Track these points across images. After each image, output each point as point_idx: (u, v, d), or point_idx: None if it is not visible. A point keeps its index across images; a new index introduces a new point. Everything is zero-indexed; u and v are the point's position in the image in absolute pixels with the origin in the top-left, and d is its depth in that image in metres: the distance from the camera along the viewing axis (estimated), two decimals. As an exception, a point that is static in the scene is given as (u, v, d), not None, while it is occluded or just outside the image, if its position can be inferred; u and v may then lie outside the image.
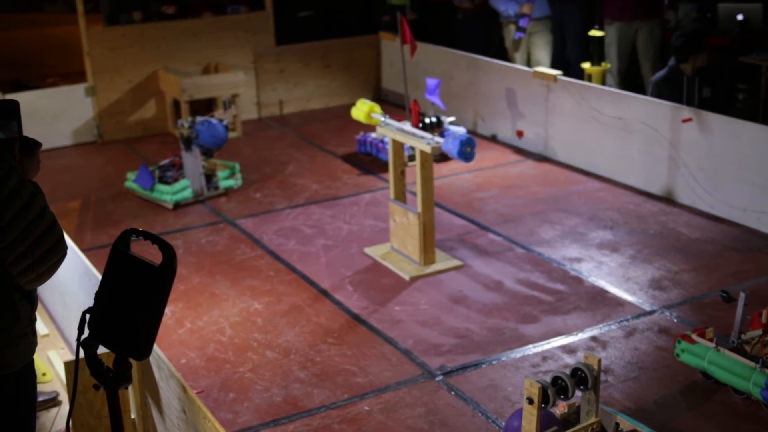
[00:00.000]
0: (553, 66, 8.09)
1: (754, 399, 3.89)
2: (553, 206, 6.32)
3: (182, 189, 6.52)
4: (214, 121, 6.59)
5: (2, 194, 2.22)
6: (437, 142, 5.08)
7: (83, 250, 4.16)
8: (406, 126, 5.36)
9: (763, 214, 5.72)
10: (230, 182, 6.76)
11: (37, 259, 2.30)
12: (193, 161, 6.53)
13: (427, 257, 5.38)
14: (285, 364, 4.39)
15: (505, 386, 4.14)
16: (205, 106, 8.60)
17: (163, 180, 6.57)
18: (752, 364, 3.83)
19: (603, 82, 7.62)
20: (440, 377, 4.24)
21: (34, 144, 2.46)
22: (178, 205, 6.50)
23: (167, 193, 6.46)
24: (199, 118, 6.62)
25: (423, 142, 5.13)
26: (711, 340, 4.04)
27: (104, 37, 8.20)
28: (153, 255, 2.23)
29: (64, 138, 8.15)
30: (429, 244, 5.37)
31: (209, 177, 6.69)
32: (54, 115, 8.06)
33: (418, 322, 4.78)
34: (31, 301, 2.45)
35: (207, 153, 6.67)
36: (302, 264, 5.52)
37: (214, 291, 5.22)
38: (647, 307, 4.83)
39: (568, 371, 3.36)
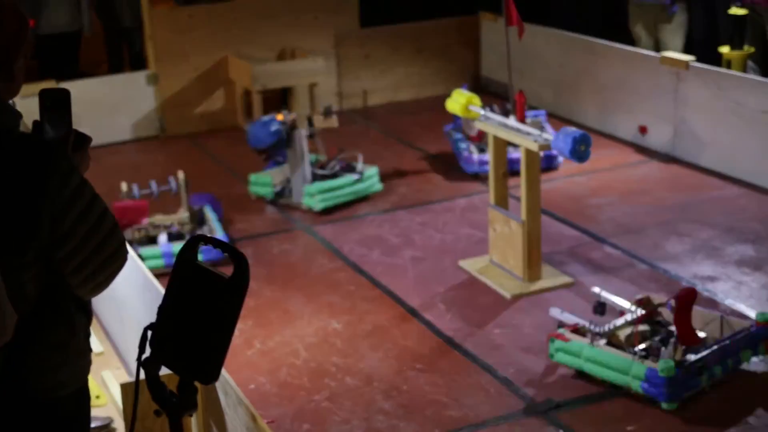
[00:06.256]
0: (700, 51, 7.89)
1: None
2: (683, 215, 6.21)
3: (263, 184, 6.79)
4: (265, 118, 6.79)
5: (64, 196, 2.28)
6: (546, 140, 5.05)
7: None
8: (510, 121, 5.33)
9: None
10: (311, 201, 6.62)
11: (98, 267, 2.36)
12: (293, 156, 6.70)
13: (532, 272, 5.34)
14: (367, 393, 4.42)
15: (624, 425, 4.07)
16: (279, 97, 8.72)
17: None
18: (629, 356, 4.19)
19: (744, 69, 7.43)
20: (547, 412, 4.20)
21: (85, 139, 2.52)
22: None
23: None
24: (264, 117, 6.86)
25: (529, 139, 5.11)
26: (584, 335, 4.40)
27: (169, 18, 8.39)
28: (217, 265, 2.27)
29: (122, 132, 8.37)
30: (534, 258, 5.34)
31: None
32: (112, 106, 8.28)
33: (520, 348, 4.75)
34: (87, 313, 2.51)
35: (260, 153, 6.90)
36: (387, 278, 5.54)
37: (288, 307, 5.28)
38: (796, 337, 4.70)
39: None
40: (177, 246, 5.82)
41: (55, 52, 8.78)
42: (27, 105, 2.74)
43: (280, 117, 6.73)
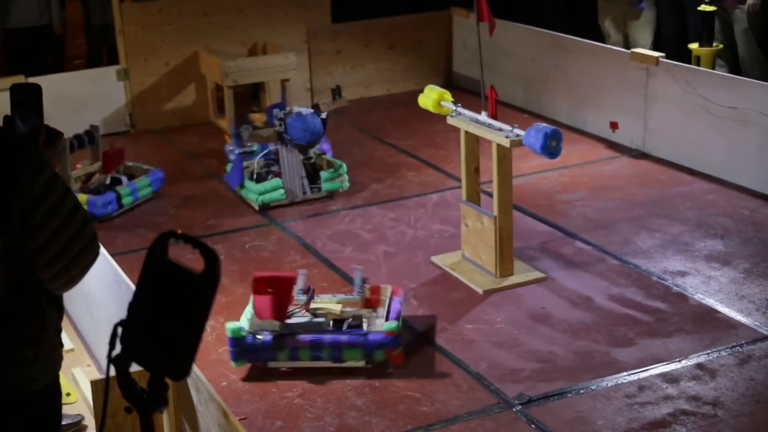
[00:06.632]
0: (669, 47, 7.96)
1: None
2: (653, 211, 6.25)
3: (272, 189, 6.52)
4: (305, 111, 6.60)
5: (35, 190, 2.28)
6: (517, 135, 5.07)
7: (113, 255, 4.24)
8: (482, 116, 5.35)
9: None
10: (335, 184, 6.67)
11: (70, 260, 2.36)
12: (289, 158, 6.54)
13: (504, 268, 5.36)
14: (339, 389, 4.42)
15: (595, 419, 4.10)
16: (249, 93, 8.69)
17: (261, 177, 6.61)
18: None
19: (713, 66, 7.50)
20: (518, 407, 4.23)
21: (56, 134, 2.52)
22: (265, 207, 6.52)
23: (254, 192, 6.51)
24: (296, 109, 6.64)
25: (500, 134, 5.12)
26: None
27: (139, 13, 8.34)
28: (191, 261, 2.25)
29: (92, 127, 8.31)
30: (506, 253, 5.35)
31: (314, 176, 6.63)
32: (82, 102, 8.22)
33: (492, 343, 4.77)
34: (59, 308, 2.51)
35: (301, 149, 6.59)
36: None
37: (260, 303, 5.26)
38: (765, 331, 4.75)
39: None
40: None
41: (23, 47, 8.71)
42: (-2, 99, 2.73)
43: (257, 117, 6.64)
